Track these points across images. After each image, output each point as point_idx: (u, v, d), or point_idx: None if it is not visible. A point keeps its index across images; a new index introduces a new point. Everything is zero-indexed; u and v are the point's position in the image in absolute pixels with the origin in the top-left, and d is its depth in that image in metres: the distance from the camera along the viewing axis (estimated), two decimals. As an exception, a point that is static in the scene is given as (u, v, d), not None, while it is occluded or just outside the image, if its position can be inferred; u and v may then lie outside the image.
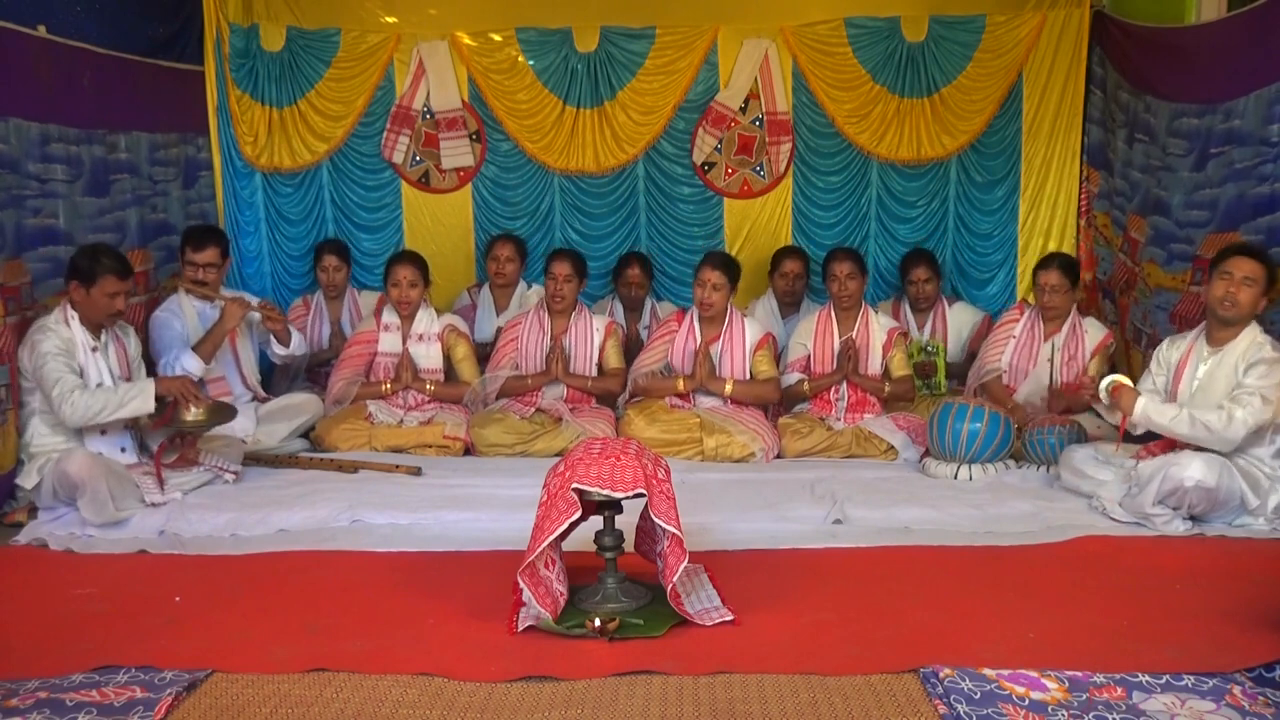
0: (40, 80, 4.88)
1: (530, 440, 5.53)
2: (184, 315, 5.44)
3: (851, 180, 6.88)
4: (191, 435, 4.83)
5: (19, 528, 4.40)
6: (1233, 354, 4.34)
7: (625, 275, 6.56)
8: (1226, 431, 4.17)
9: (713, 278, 5.58)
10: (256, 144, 6.78)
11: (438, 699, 2.87)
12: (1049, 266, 5.60)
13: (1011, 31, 6.64)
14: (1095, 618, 3.39)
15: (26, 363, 4.52)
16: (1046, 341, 5.58)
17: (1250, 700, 2.79)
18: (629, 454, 3.34)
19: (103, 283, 4.56)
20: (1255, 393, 4.17)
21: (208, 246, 5.46)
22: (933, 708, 2.78)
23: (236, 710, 2.81)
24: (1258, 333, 4.36)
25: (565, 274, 5.76)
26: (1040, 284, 5.59)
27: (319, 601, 3.60)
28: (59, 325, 4.57)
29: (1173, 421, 4.30)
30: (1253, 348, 4.30)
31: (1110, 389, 4.52)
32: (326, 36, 6.75)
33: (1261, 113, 4.75)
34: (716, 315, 5.68)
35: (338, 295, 6.48)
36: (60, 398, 4.40)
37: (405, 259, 5.93)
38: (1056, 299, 5.53)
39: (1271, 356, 4.24)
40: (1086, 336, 5.54)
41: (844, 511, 4.45)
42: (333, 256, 6.43)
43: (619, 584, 3.45)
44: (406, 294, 5.78)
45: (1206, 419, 4.21)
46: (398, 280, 5.79)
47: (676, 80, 6.77)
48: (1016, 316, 5.74)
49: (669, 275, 6.87)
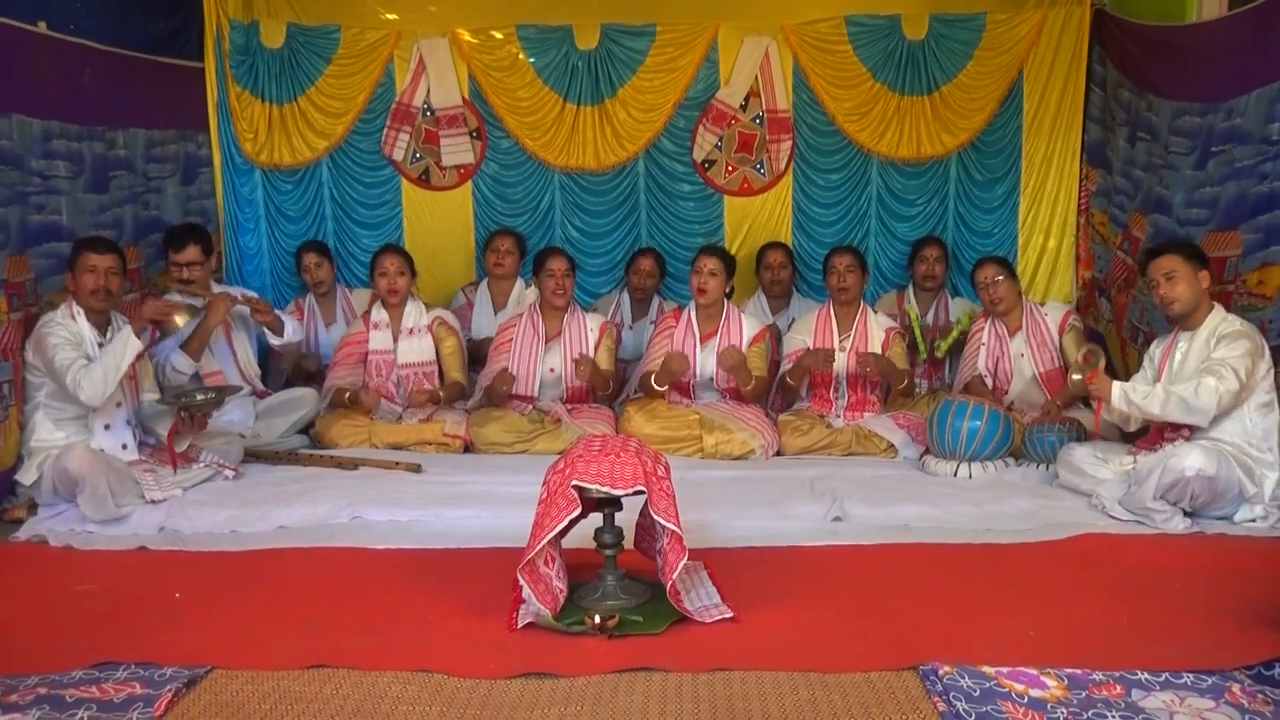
0: (41, 77, 4.88)
1: (530, 439, 5.53)
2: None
3: (851, 178, 6.88)
4: (202, 414, 4.85)
5: (19, 524, 4.41)
6: (1203, 334, 4.47)
7: (638, 264, 6.61)
8: (1197, 400, 4.24)
9: (709, 264, 5.65)
10: (256, 141, 6.78)
11: (437, 695, 2.88)
12: (982, 265, 5.81)
13: (1012, 30, 6.63)
14: (1094, 615, 3.39)
15: (33, 357, 4.53)
16: (1013, 338, 5.67)
17: (1249, 698, 2.79)
18: (629, 451, 3.34)
19: (80, 260, 4.61)
20: (1223, 363, 4.28)
21: (187, 246, 5.47)
22: (932, 705, 2.78)
23: (236, 707, 2.81)
24: (1223, 313, 4.50)
25: (564, 269, 5.78)
26: (979, 282, 5.73)
27: (319, 598, 3.60)
28: (65, 320, 4.59)
29: (1146, 400, 4.38)
30: (1222, 324, 4.44)
31: (1086, 377, 4.58)
32: (327, 33, 6.74)
33: (1262, 111, 4.74)
34: (713, 308, 5.69)
35: (326, 293, 6.46)
36: (75, 382, 4.43)
37: (390, 249, 6.00)
38: (999, 290, 5.64)
39: (1237, 330, 4.38)
40: (1048, 319, 5.65)
41: (844, 509, 4.45)
42: (311, 254, 6.42)
43: (619, 581, 3.45)
44: (395, 282, 5.80)
45: (1178, 391, 4.30)
46: (385, 269, 5.82)
47: (677, 78, 6.77)
48: (981, 326, 5.83)
49: (669, 273, 6.86)
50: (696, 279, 5.67)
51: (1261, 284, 4.75)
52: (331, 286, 6.49)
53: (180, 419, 4.79)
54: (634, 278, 6.63)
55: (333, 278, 6.50)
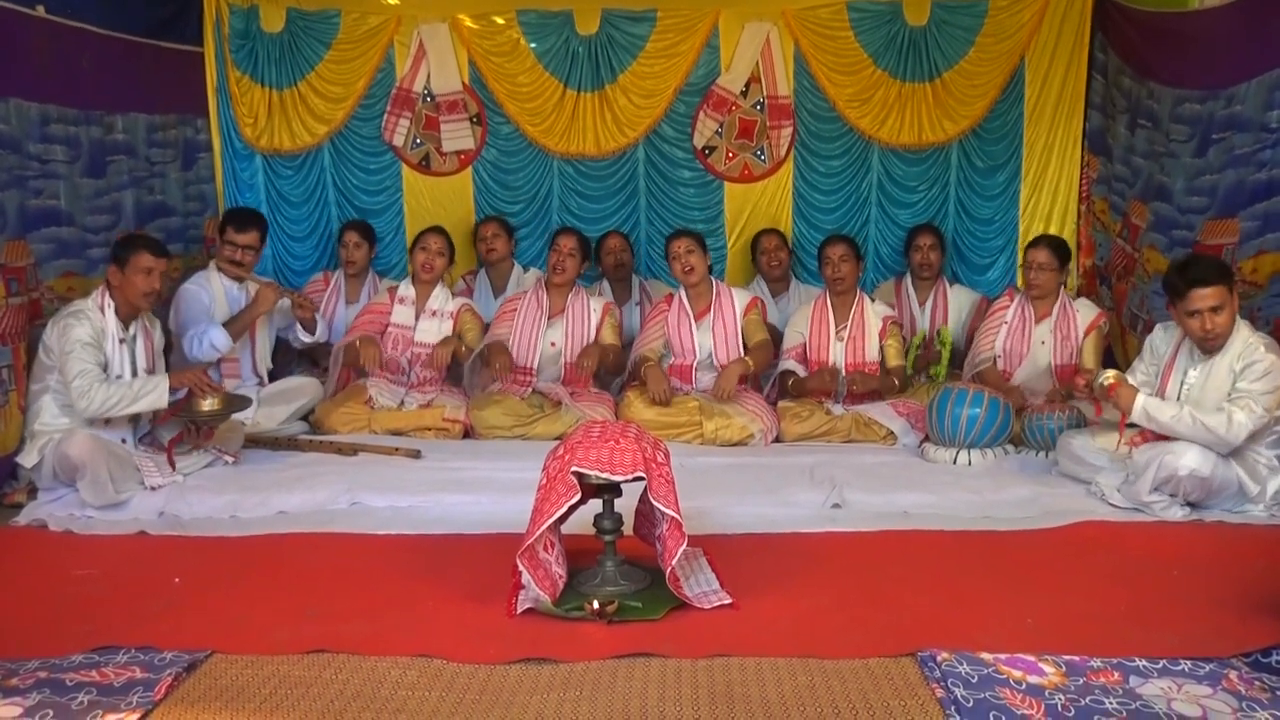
0: (39, 60, 4.86)
1: (529, 423, 5.54)
2: (213, 291, 5.55)
3: (852, 165, 6.86)
4: (207, 425, 4.84)
5: (19, 509, 4.41)
6: (1227, 357, 4.28)
7: (606, 244, 6.63)
8: (1228, 434, 4.14)
9: (683, 245, 5.73)
10: (256, 126, 6.76)
11: (436, 680, 2.88)
12: (1038, 245, 5.69)
13: (1014, 16, 6.61)
14: (1093, 603, 3.39)
15: (54, 342, 4.50)
16: (1038, 324, 5.60)
17: (1247, 685, 2.79)
18: (628, 437, 3.34)
19: (136, 259, 4.58)
20: (1254, 397, 4.14)
21: (250, 229, 5.60)
22: (930, 691, 2.78)
23: (236, 691, 2.82)
24: (1248, 331, 4.30)
25: (570, 247, 5.81)
26: (1029, 261, 5.65)
27: (318, 583, 3.61)
28: (94, 312, 4.57)
29: (1174, 420, 4.25)
30: (1247, 349, 4.23)
31: (1107, 386, 4.47)
32: (326, 18, 6.72)
33: (1262, 99, 4.74)
34: (701, 285, 5.74)
35: (357, 273, 6.47)
36: (80, 390, 4.41)
37: (435, 229, 6.11)
38: (1043, 277, 5.56)
39: (1267, 359, 4.17)
40: (1079, 316, 5.56)
41: (843, 496, 4.46)
42: (353, 233, 6.44)
43: (618, 567, 3.46)
44: (432, 260, 5.92)
45: (1208, 421, 4.16)
46: (427, 245, 5.95)
47: (677, 64, 6.75)
48: (1007, 303, 5.75)
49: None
50: (677, 265, 5.72)
51: (1255, 271, 4.75)
52: (364, 269, 6.50)
53: (186, 429, 4.79)
54: (607, 258, 6.63)
55: (366, 260, 6.51)
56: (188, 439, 4.82)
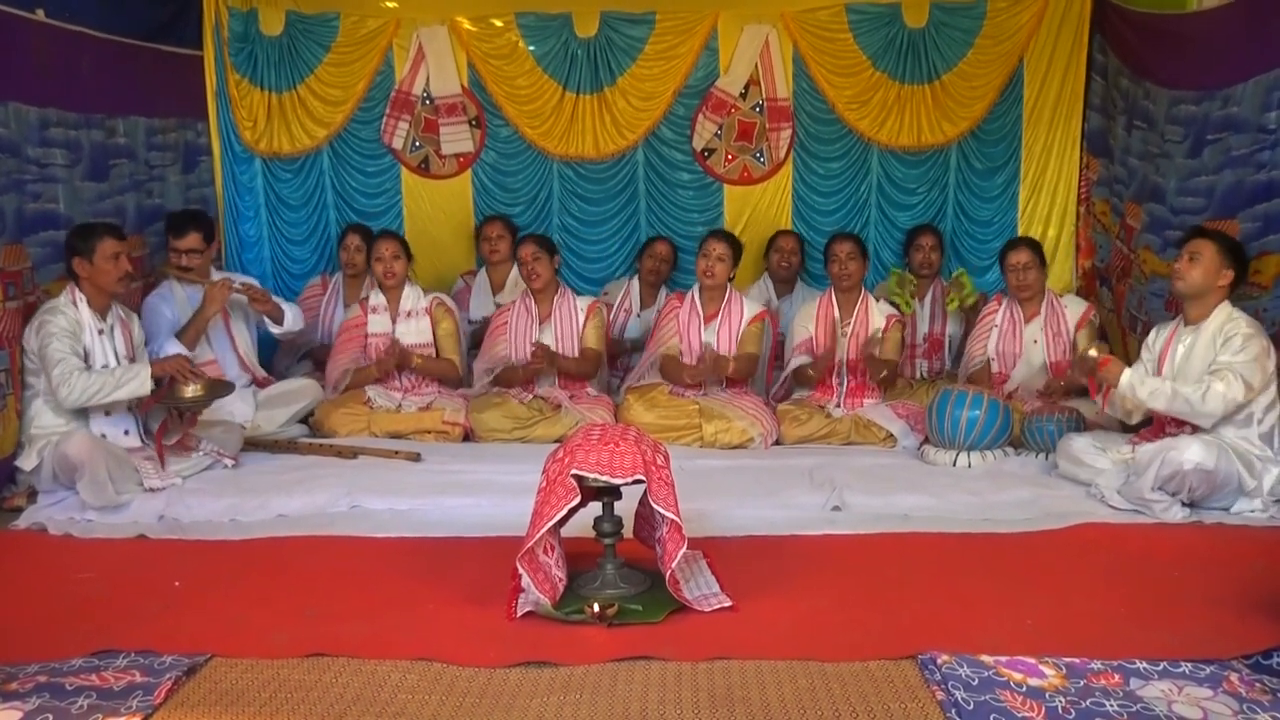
0: (38, 64, 4.86)
1: (529, 426, 5.53)
2: (174, 300, 5.46)
3: (852, 167, 6.87)
4: (191, 412, 4.83)
5: (18, 512, 4.41)
6: (1208, 330, 4.40)
7: (653, 249, 6.60)
8: (1203, 405, 4.22)
9: (717, 248, 5.67)
10: (255, 129, 6.77)
11: (436, 684, 2.88)
12: (1018, 247, 5.71)
13: (1013, 18, 6.62)
14: (1093, 605, 3.39)
15: (33, 343, 4.51)
16: (1028, 324, 5.63)
17: (1247, 687, 2.79)
18: (628, 440, 3.34)
19: (101, 247, 4.58)
20: (1230, 368, 4.23)
21: (188, 232, 5.45)
22: (930, 694, 2.78)
23: (235, 695, 2.81)
24: (1231, 309, 4.42)
25: (532, 253, 5.77)
26: (1012, 265, 5.64)
27: (318, 586, 3.61)
28: (68, 307, 4.58)
29: (1152, 395, 4.35)
30: (1228, 324, 4.35)
31: (1098, 360, 4.55)
32: (325, 21, 6.73)
33: (1259, 99, 4.73)
34: (717, 290, 5.72)
35: (357, 275, 6.45)
36: (60, 378, 4.41)
37: (384, 234, 6.03)
38: (1029, 276, 5.59)
39: (1245, 332, 4.29)
40: (1067, 312, 5.62)
41: (843, 498, 4.45)
42: (355, 236, 6.42)
43: (618, 570, 3.46)
44: (391, 267, 5.83)
45: (1185, 392, 4.26)
46: (381, 254, 5.85)
47: (676, 66, 6.76)
48: (995, 308, 5.79)
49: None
50: (704, 262, 5.68)
51: (1258, 273, 4.74)
52: (363, 271, 6.47)
53: (169, 415, 4.79)
54: (649, 262, 6.59)
55: (366, 263, 6.48)
56: (172, 426, 4.79)
